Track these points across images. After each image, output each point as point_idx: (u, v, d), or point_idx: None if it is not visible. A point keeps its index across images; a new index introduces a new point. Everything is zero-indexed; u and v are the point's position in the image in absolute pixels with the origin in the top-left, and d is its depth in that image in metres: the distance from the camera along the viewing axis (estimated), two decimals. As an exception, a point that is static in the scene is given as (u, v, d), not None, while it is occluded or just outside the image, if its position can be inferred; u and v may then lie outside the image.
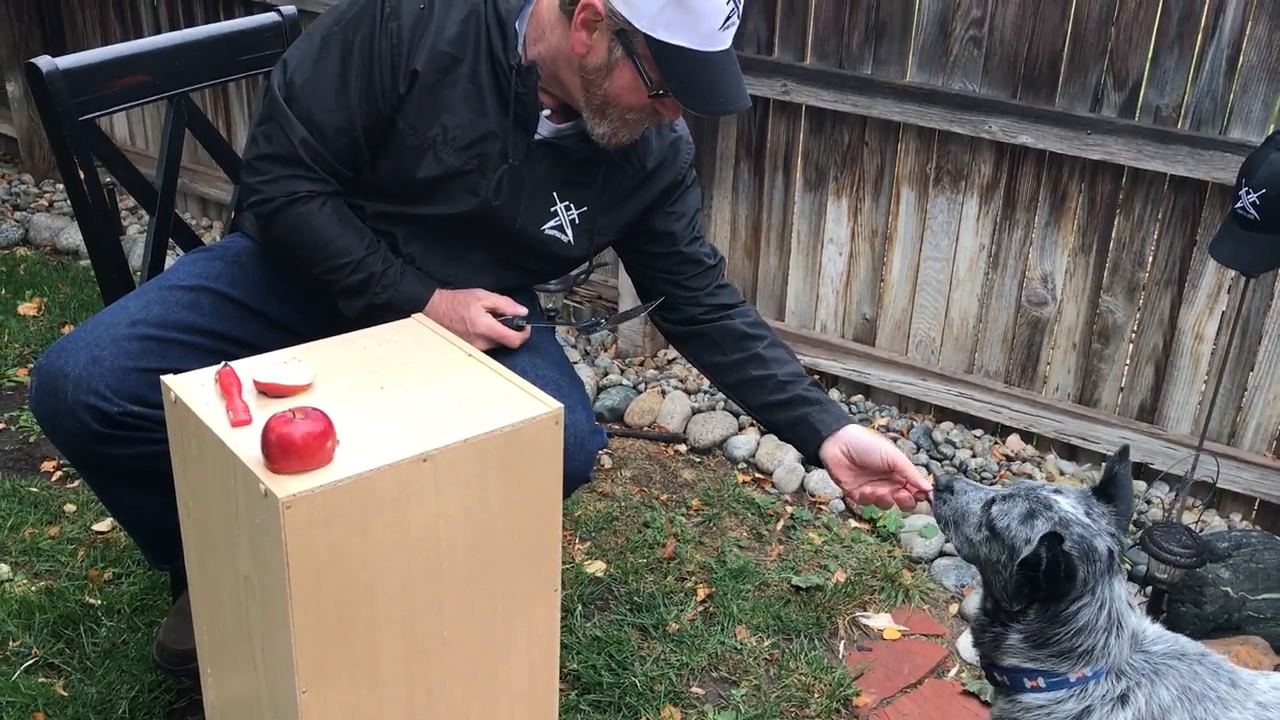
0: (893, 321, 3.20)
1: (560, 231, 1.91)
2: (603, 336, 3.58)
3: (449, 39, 1.73)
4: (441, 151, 1.78)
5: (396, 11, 1.72)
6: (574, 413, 1.78)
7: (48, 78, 1.82)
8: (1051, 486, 1.53)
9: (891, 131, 3.03)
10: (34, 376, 1.73)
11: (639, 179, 1.94)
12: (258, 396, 1.44)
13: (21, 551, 2.55)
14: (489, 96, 1.77)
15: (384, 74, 1.73)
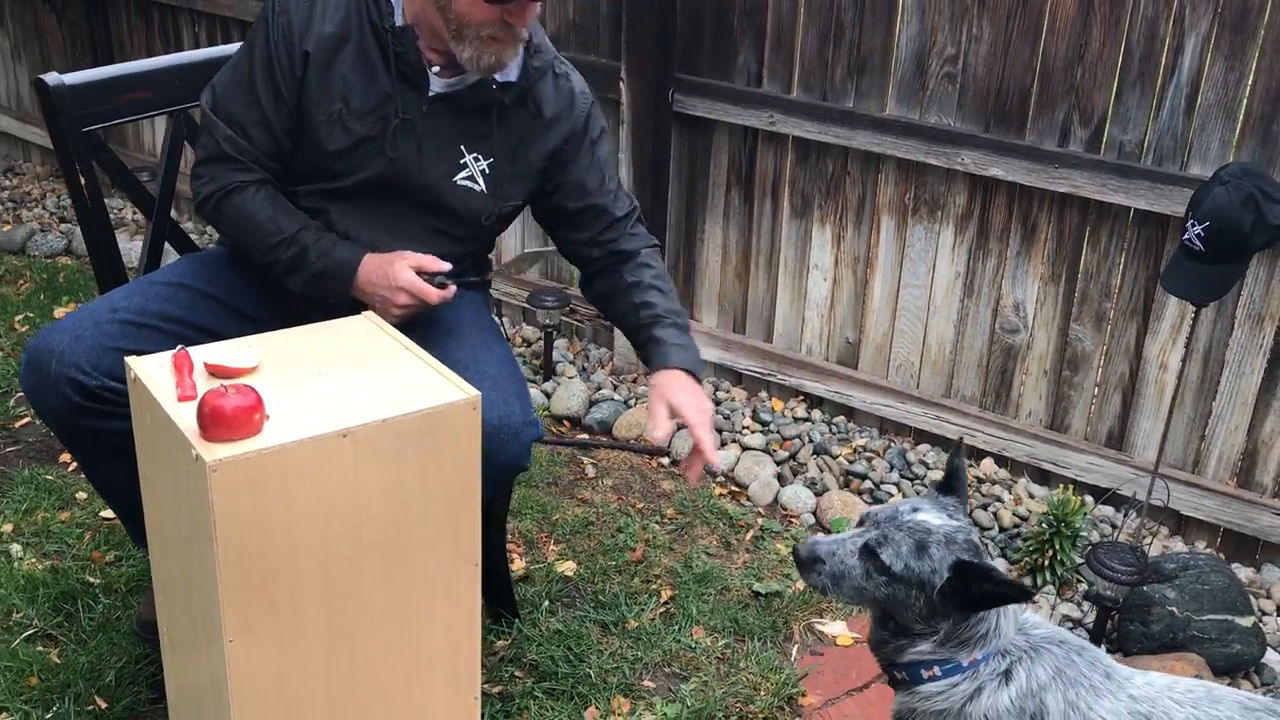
0: (874, 345, 3.31)
1: (472, 182, 2.06)
2: (600, 355, 3.72)
3: (333, 20, 1.95)
4: (347, 121, 1.97)
5: (285, 8, 1.95)
6: (509, 404, 1.92)
7: (54, 92, 2.02)
8: (908, 505, 1.62)
9: (872, 162, 3.15)
10: (24, 355, 1.92)
11: (539, 127, 2.10)
12: (208, 377, 1.61)
13: (33, 533, 2.74)
14: (378, 63, 1.96)
15: (282, 64, 1.94)
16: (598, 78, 3.44)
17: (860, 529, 1.64)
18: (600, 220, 2.20)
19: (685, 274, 3.57)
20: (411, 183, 2.03)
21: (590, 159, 2.17)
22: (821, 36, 3.11)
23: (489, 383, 1.95)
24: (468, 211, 2.09)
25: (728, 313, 3.55)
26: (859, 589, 1.62)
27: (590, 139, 2.16)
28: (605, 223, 2.21)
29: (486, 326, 2.18)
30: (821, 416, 3.41)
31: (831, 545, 1.63)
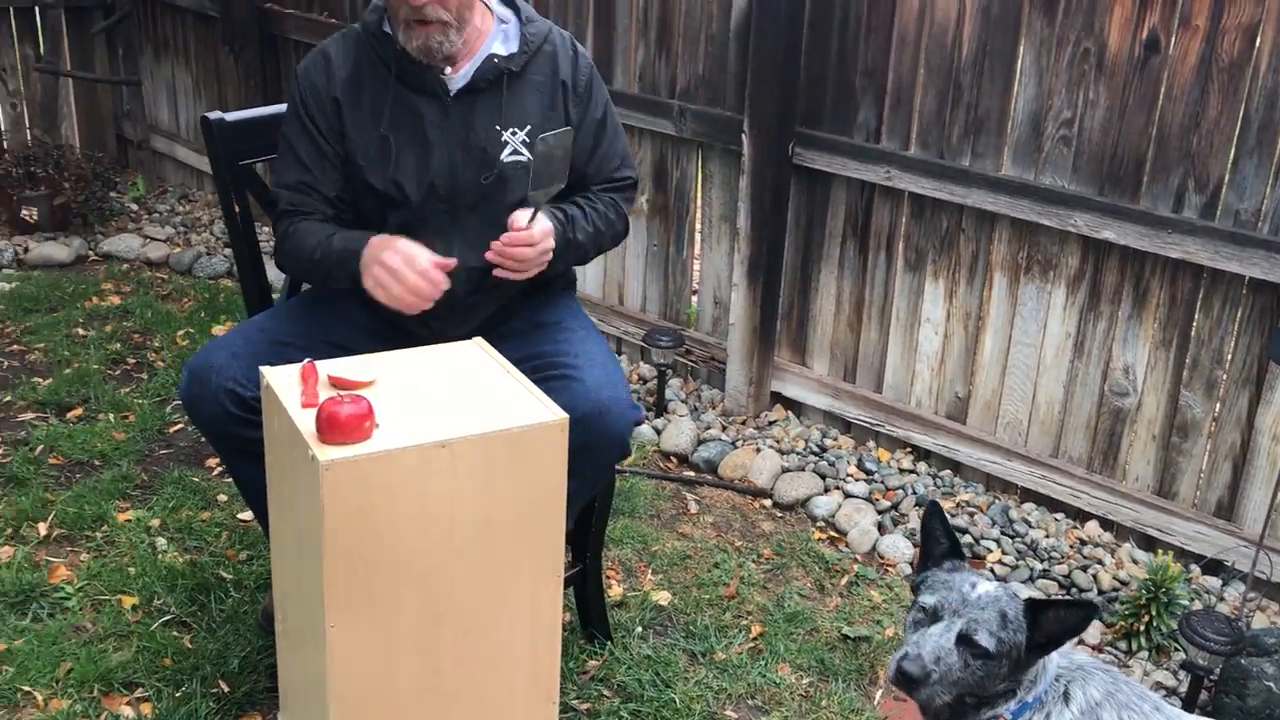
0: (983, 402, 3.34)
1: (518, 155, 2.21)
2: (712, 395, 3.83)
3: (346, 66, 2.18)
4: (389, 148, 2.17)
5: (305, 73, 2.21)
6: (615, 388, 2.10)
7: (214, 128, 2.26)
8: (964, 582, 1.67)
9: (986, 220, 3.20)
10: (185, 371, 2.15)
11: (555, 88, 2.25)
12: (330, 387, 1.78)
13: (178, 529, 2.99)
14: (397, 88, 2.17)
15: (316, 119, 2.18)
16: (721, 129, 3.59)
17: (940, 624, 1.63)
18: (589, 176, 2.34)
19: (798, 321, 3.67)
20: (469, 180, 2.21)
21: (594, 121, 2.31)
22: (940, 96, 3.19)
23: (597, 369, 2.12)
24: (524, 186, 2.23)
25: (839, 361, 3.62)
26: (955, 682, 1.62)
27: (595, 102, 2.31)
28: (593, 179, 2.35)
29: (583, 321, 2.37)
30: (927, 469, 3.45)
31: (932, 652, 1.60)
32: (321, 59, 2.22)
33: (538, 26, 2.28)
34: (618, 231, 2.39)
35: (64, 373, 3.78)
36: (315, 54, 2.25)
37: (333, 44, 2.25)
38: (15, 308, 4.24)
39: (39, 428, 3.44)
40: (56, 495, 3.11)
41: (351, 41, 2.23)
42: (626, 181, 2.41)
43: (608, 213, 2.35)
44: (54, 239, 4.88)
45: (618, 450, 2.15)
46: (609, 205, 2.36)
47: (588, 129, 2.31)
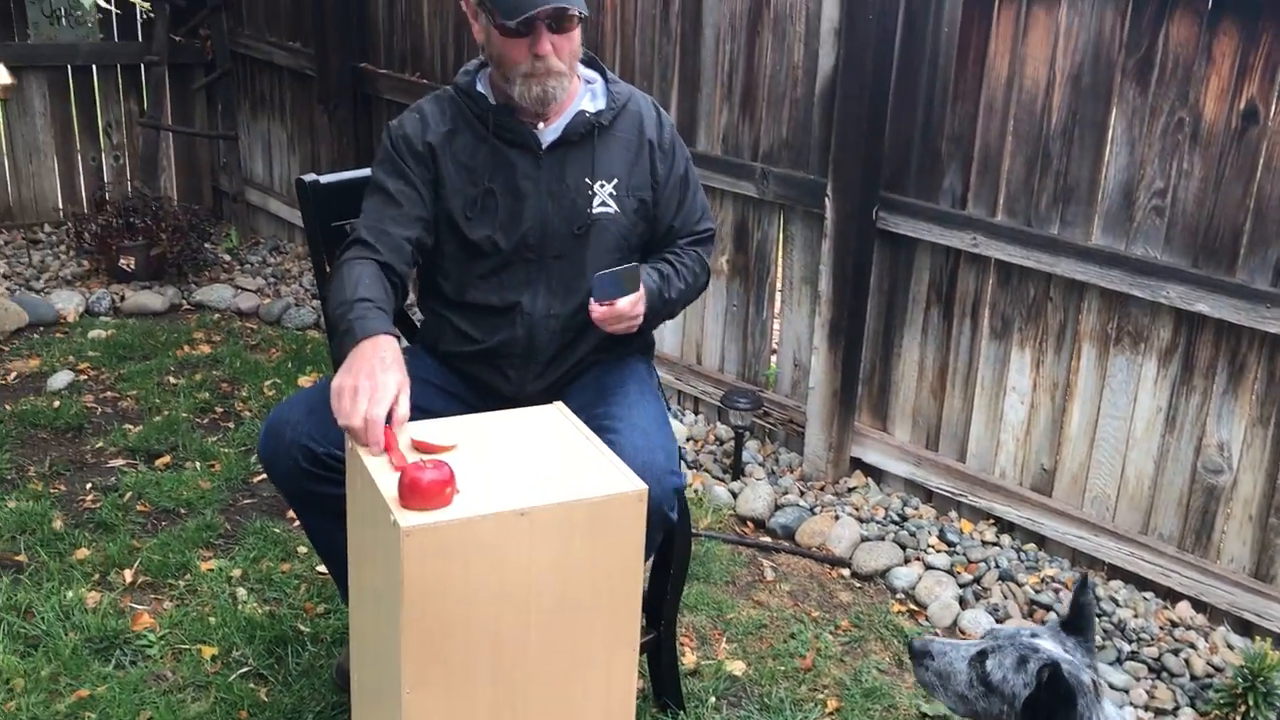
0: (1069, 474, 3.26)
1: (606, 206, 2.27)
2: (790, 459, 3.80)
3: (441, 121, 2.26)
4: (482, 200, 2.21)
5: (400, 124, 2.27)
6: (654, 453, 2.07)
7: (309, 189, 2.31)
8: (1029, 630, 1.64)
9: (1075, 289, 3.14)
10: (263, 426, 2.18)
11: (641, 145, 2.32)
12: (412, 450, 1.80)
13: (258, 580, 3.03)
14: (489, 142, 2.22)
15: (411, 166, 2.23)
16: (805, 193, 3.59)
17: (979, 640, 1.69)
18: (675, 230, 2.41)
19: (880, 386, 3.63)
20: (558, 230, 2.26)
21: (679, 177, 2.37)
22: (1028, 164, 3.15)
23: (638, 434, 2.11)
24: (610, 236, 2.30)
25: (921, 428, 3.57)
26: (961, 695, 1.67)
27: (678, 158, 2.37)
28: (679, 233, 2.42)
29: (646, 387, 2.36)
30: (1011, 542, 3.37)
31: (945, 646, 1.71)
32: (416, 113, 2.30)
33: (622, 87, 2.37)
34: (702, 284, 2.47)
35: (154, 420, 3.87)
36: (410, 111, 2.32)
37: (427, 103, 2.33)
38: (111, 355, 4.37)
39: (128, 474, 3.52)
40: (143, 542, 3.17)
41: (445, 101, 2.31)
42: (708, 234, 2.48)
43: (694, 266, 2.42)
44: (149, 288, 5.03)
45: (656, 517, 2.09)
46: (695, 260, 2.43)
47: (673, 185, 2.37)
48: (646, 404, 2.27)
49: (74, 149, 5.76)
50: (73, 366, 4.25)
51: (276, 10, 5.47)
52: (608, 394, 2.23)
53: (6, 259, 5.33)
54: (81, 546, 3.12)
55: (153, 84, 5.67)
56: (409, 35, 4.85)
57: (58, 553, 3.09)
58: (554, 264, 2.28)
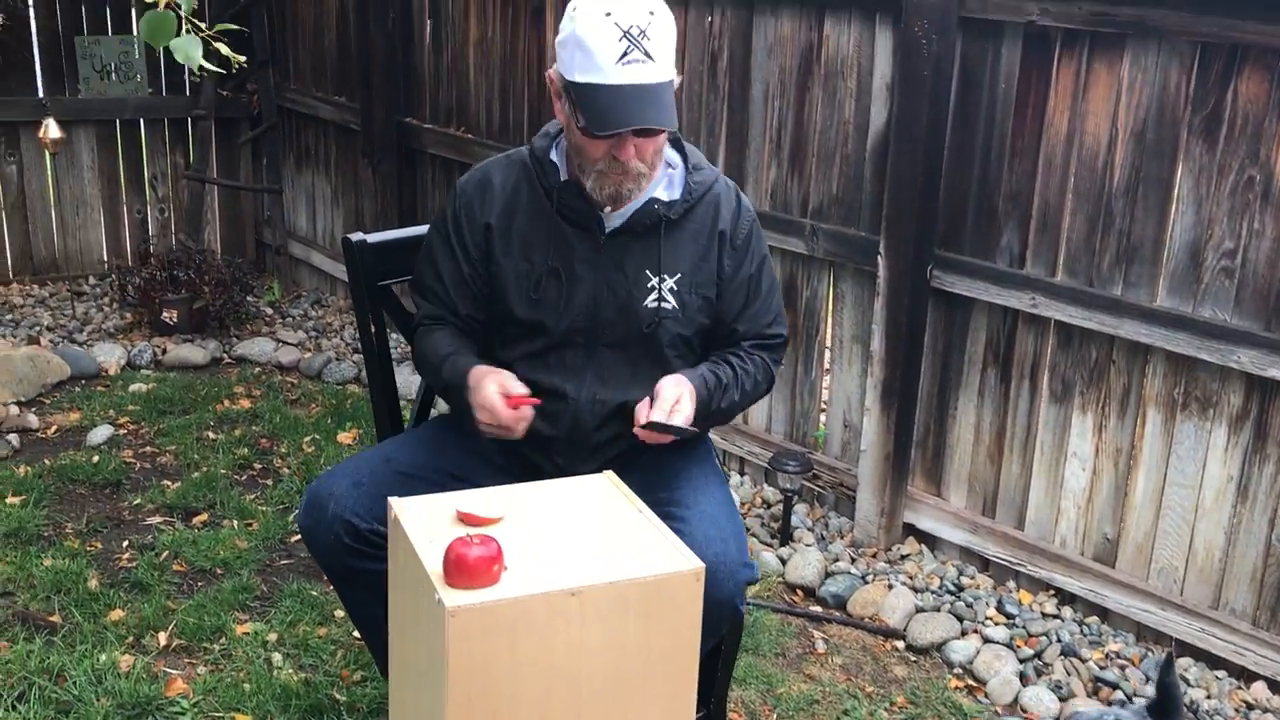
0: (1134, 544, 3.13)
1: (662, 301, 2.16)
2: (840, 524, 3.68)
3: (506, 189, 2.16)
4: (534, 277, 2.13)
5: (463, 191, 2.20)
6: (725, 544, 1.96)
7: (357, 249, 2.26)
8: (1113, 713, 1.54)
9: (1139, 353, 3.03)
10: (304, 496, 2.12)
11: (712, 239, 2.20)
12: (458, 522, 1.72)
13: (294, 645, 2.95)
14: (552, 219, 2.13)
15: (466, 239, 2.17)
16: (856, 250, 3.51)
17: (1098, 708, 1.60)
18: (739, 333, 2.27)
19: (934, 449, 3.52)
20: (607, 320, 2.16)
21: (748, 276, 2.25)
22: (1089, 222, 3.06)
23: (707, 521, 2.01)
24: (667, 333, 2.19)
25: (977, 494, 3.45)
26: None
27: (752, 256, 2.25)
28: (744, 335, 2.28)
29: (709, 469, 2.25)
30: (1072, 615, 3.23)
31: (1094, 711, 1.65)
32: (482, 180, 2.22)
33: (704, 175, 2.22)
34: (763, 392, 2.32)
35: (192, 476, 3.83)
36: (477, 173, 2.25)
37: (496, 166, 2.24)
38: (150, 409, 4.34)
39: (165, 532, 3.47)
40: (178, 604, 3.10)
41: (516, 166, 2.21)
42: (778, 340, 2.32)
43: (756, 374, 2.26)
44: (191, 341, 5.02)
45: (726, 611, 2.00)
46: (759, 366, 2.27)
47: (739, 284, 2.24)
48: (713, 489, 2.17)
49: (120, 202, 5.79)
50: (113, 420, 4.23)
51: (323, 64, 5.50)
52: (670, 478, 2.12)
53: (51, 311, 5.34)
54: (116, 607, 3.06)
55: (199, 138, 5.70)
56: (455, 89, 4.84)
57: (92, 613, 3.02)
58: (605, 353, 2.18)
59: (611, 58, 1.92)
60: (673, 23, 2.00)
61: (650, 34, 1.93)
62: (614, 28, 1.91)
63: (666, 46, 1.96)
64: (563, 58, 1.99)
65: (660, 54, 1.95)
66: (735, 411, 2.25)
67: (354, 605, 2.21)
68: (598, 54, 1.92)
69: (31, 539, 3.39)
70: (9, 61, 5.33)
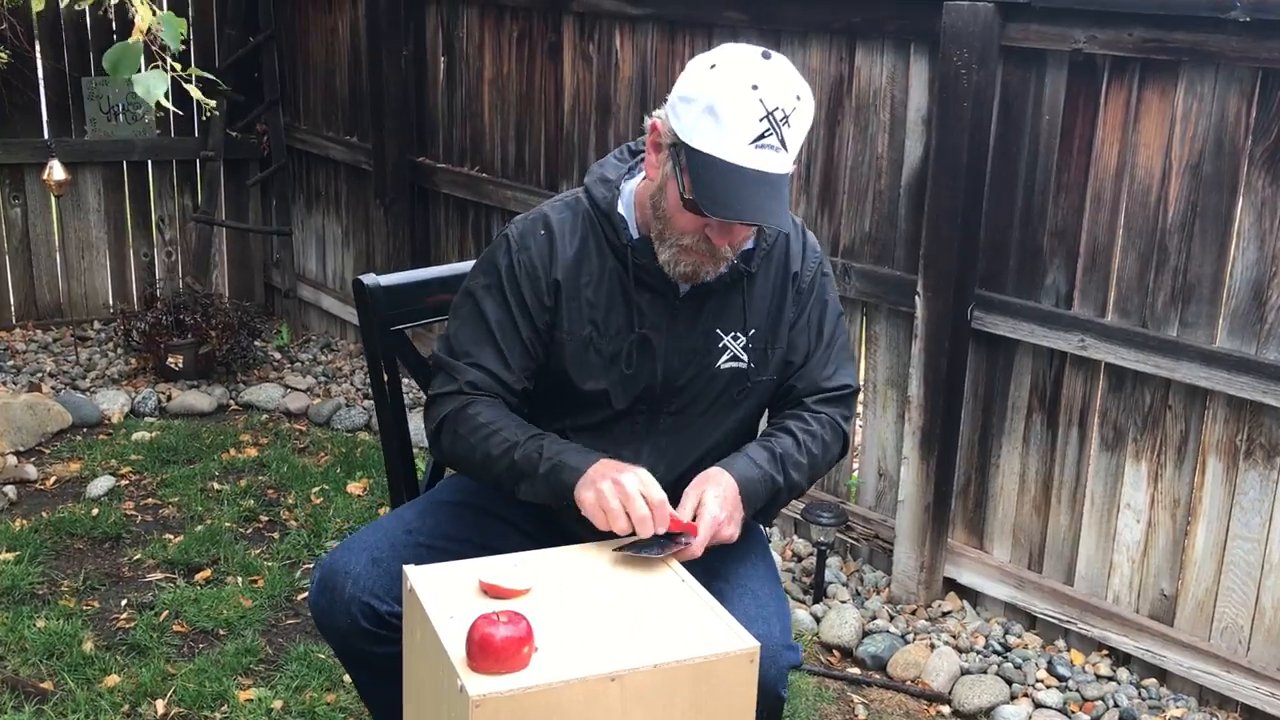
0: (1194, 601, 2.93)
1: (736, 361, 1.95)
2: (876, 578, 3.49)
3: (572, 245, 1.90)
4: (599, 344, 1.90)
5: (523, 245, 1.92)
6: (769, 623, 1.78)
7: (369, 292, 2.10)
8: None
9: (1198, 397, 2.85)
10: (316, 571, 1.91)
11: (787, 282, 1.98)
12: (481, 594, 1.54)
13: (300, 712, 2.76)
14: (623, 280, 1.90)
15: (530, 300, 1.90)
16: (891, 290, 3.35)
17: None
18: (797, 389, 2.03)
19: (976, 500, 3.33)
20: (674, 388, 1.95)
21: (810, 315, 2.02)
22: (1142, 260, 2.89)
23: (749, 597, 1.82)
24: (741, 393, 1.99)
25: (1023, 547, 3.25)
26: None
27: (818, 297, 2.03)
28: (803, 392, 2.03)
29: (754, 540, 2.04)
30: (1129, 677, 3.02)
31: None
32: (544, 229, 1.92)
33: None
34: (835, 456, 2.03)
35: (195, 530, 3.65)
36: (535, 221, 1.94)
37: (555, 213, 1.94)
38: (154, 458, 4.17)
39: (166, 590, 3.29)
40: (178, 668, 2.92)
41: (580, 217, 1.93)
42: (845, 391, 2.05)
43: (824, 434, 1.99)
44: (197, 387, 4.86)
45: (768, 699, 1.79)
46: (826, 425, 2.01)
47: (802, 327, 2.01)
48: (757, 564, 1.97)
49: (126, 245, 5.66)
50: (114, 471, 4.06)
51: (334, 104, 5.38)
52: (715, 552, 1.86)
53: (54, 357, 5.19)
54: (112, 672, 2.88)
55: (207, 179, 5.58)
56: (469, 128, 4.71)
57: (86, 679, 2.84)
58: (666, 419, 1.96)
59: (746, 137, 1.69)
60: (813, 111, 1.78)
61: (792, 121, 1.71)
62: (758, 105, 1.68)
63: (801, 137, 1.75)
64: (683, 115, 1.74)
65: (794, 145, 1.74)
66: (803, 487, 1.97)
67: (367, 687, 2.02)
68: (732, 129, 1.69)
69: (25, 598, 3.21)
70: (14, 102, 5.22)
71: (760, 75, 1.70)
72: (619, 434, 1.94)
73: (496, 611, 1.39)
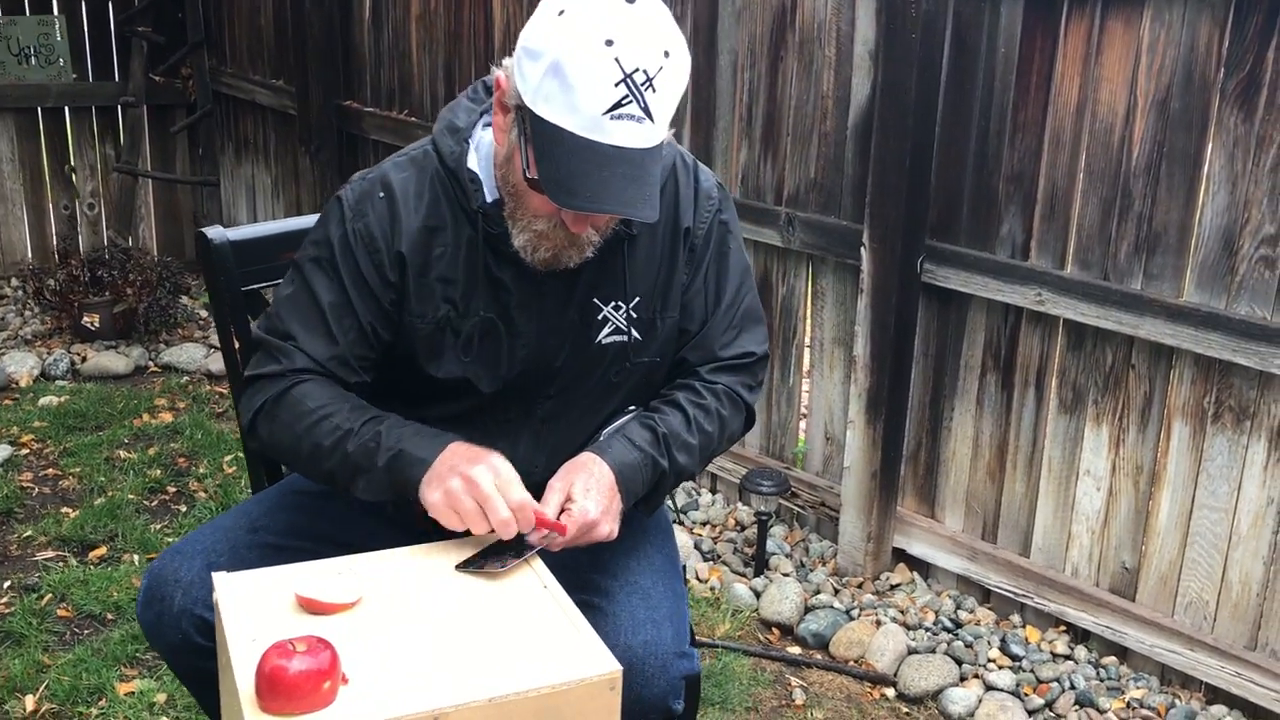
0: (1157, 575, 2.72)
1: (619, 334, 1.65)
2: (823, 549, 3.27)
3: (419, 211, 1.60)
4: (457, 325, 1.61)
5: (357, 207, 1.61)
6: (659, 627, 1.53)
7: (215, 248, 1.83)
8: None
9: (1163, 356, 2.62)
10: (144, 578, 1.63)
11: (677, 237, 1.68)
12: (298, 610, 1.30)
13: (186, 706, 2.53)
14: (477, 252, 1.60)
15: (365, 274, 1.60)
16: (837, 241, 3.10)
17: None
18: (689, 361, 1.74)
19: (927, 465, 3.10)
20: (550, 370, 1.66)
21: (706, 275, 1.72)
22: (1104, 206, 2.64)
23: (637, 597, 1.58)
24: (631, 375, 1.70)
25: (976, 516, 3.03)
26: None
27: (714, 254, 1.72)
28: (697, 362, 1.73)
29: (652, 533, 1.77)
30: (1087, 655, 2.82)
31: None
32: (383, 191, 1.61)
33: (662, 163, 1.59)
34: (734, 431, 1.75)
35: (95, 503, 3.40)
36: (373, 182, 1.63)
37: (398, 172, 1.63)
38: (59, 425, 3.90)
39: (53, 571, 3.04)
40: (55, 658, 2.68)
41: (427, 178, 1.62)
42: (747, 360, 1.75)
43: (719, 408, 1.70)
44: (115, 348, 4.58)
45: (659, 712, 1.54)
46: (724, 397, 1.72)
47: (697, 288, 1.71)
48: (652, 555, 1.70)
49: (45, 197, 5.34)
50: (14, 439, 3.79)
51: (260, 46, 5.06)
52: (600, 544, 1.57)
53: (-34, 316, 4.91)
54: (-19, 664, 2.64)
55: (129, 126, 5.26)
56: (397, 69, 4.41)
57: (-50, 673, 2.60)
58: (544, 405, 1.68)
59: (600, 105, 1.38)
60: (686, 71, 1.46)
61: (658, 84, 1.40)
62: (613, 66, 1.37)
63: (670, 104, 1.45)
64: (528, 73, 1.43)
65: (661, 113, 1.43)
66: (692, 470, 1.69)
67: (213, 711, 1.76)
68: (582, 95, 1.38)
69: (-103, 582, 2.97)
70: (-84, 45, 4.89)
71: (617, 27, 1.38)
72: (490, 425, 1.66)
73: (294, 639, 1.15)
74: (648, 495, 1.63)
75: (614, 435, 1.62)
